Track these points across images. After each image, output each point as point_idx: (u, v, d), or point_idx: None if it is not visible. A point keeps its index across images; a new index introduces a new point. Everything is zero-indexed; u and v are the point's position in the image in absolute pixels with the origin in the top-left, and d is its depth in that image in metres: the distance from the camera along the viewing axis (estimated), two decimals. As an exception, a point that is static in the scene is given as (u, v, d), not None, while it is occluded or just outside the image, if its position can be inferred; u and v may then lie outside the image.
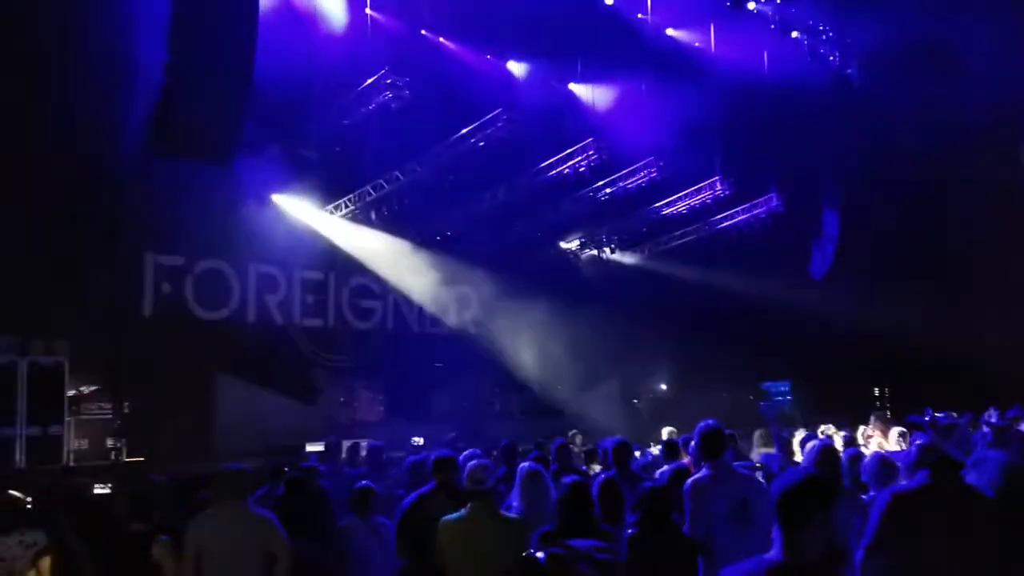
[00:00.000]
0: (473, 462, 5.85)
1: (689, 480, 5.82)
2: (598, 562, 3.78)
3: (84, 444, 14.09)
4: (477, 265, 21.36)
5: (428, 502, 6.36)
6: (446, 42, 19.14)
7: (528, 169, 19.44)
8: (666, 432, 11.14)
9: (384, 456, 10.40)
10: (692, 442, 6.43)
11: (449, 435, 12.38)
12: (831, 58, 21.88)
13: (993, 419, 10.06)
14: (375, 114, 16.25)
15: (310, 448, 13.81)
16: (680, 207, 21.68)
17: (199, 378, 16.57)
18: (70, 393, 14.04)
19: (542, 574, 2.92)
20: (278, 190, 18.20)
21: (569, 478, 5.39)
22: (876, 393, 23.21)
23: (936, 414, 8.16)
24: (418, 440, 14.76)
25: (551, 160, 19.05)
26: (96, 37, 14.45)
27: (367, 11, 17.43)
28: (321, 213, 19.07)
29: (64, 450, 13.65)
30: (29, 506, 5.79)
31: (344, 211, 19.03)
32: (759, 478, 6.91)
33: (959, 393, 16.09)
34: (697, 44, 21.28)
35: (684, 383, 23.92)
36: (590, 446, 10.68)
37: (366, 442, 11.50)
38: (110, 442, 14.38)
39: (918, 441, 5.24)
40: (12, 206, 14.22)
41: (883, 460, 6.08)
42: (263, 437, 15.04)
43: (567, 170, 18.90)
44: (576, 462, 9.46)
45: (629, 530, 5.24)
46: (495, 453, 9.28)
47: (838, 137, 21.97)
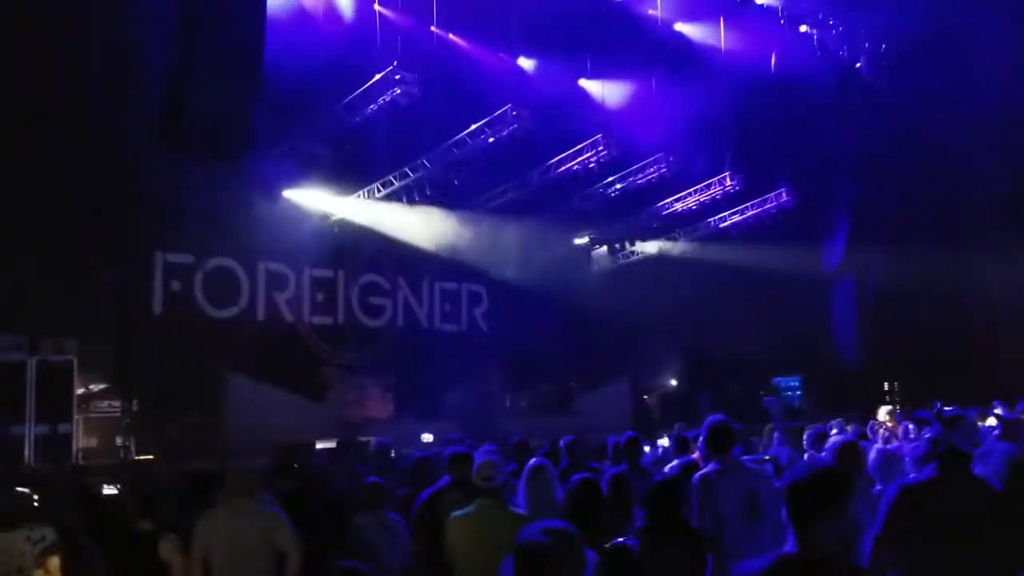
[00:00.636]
0: (482, 459, 5.84)
1: (697, 475, 5.81)
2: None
3: (93, 442, 14.09)
4: (484, 263, 21.36)
5: (441, 498, 6.36)
6: (455, 38, 19.12)
7: (538, 165, 19.43)
8: (676, 428, 11.11)
9: (392, 453, 10.40)
10: (701, 437, 6.40)
11: (453, 434, 12.36)
12: (840, 52, 21.79)
13: (999, 412, 10.01)
14: (384, 111, 16.24)
15: (320, 446, 13.80)
16: (690, 203, 21.66)
17: (208, 376, 16.57)
18: (79, 391, 14.05)
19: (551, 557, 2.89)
20: (287, 187, 18.23)
21: (578, 475, 5.37)
22: (886, 388, 23.12)
23: (944, 407, 8.13)
24: (428, 437, 14.77)
25: (561, 156, 19.04)
26: (105, 35, 14.49)
27: (376, 7, 17.43)
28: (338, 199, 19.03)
29: (73, 448, 13.66)
30: (36, 504, 5.77)
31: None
32: (769, 472, 6.89)
33: (970, 388, 16.03)
34: (706, 39, 21.22)
35: (694, 379, 23.88)
36: (600, 442, 10.65)
37: (374, 439, 11.50)
38: (119, 440, 14.38)
39: (927, 434, 5.22)
40: (21, 204, 14.27)
41: (887, 454, 6.07)
42: (272, 435, 15.02)
43: (577, 166, 18.89)
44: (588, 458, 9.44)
45: (638, 522, 5.22)
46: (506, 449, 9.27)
47: (848, 131, 21.88)
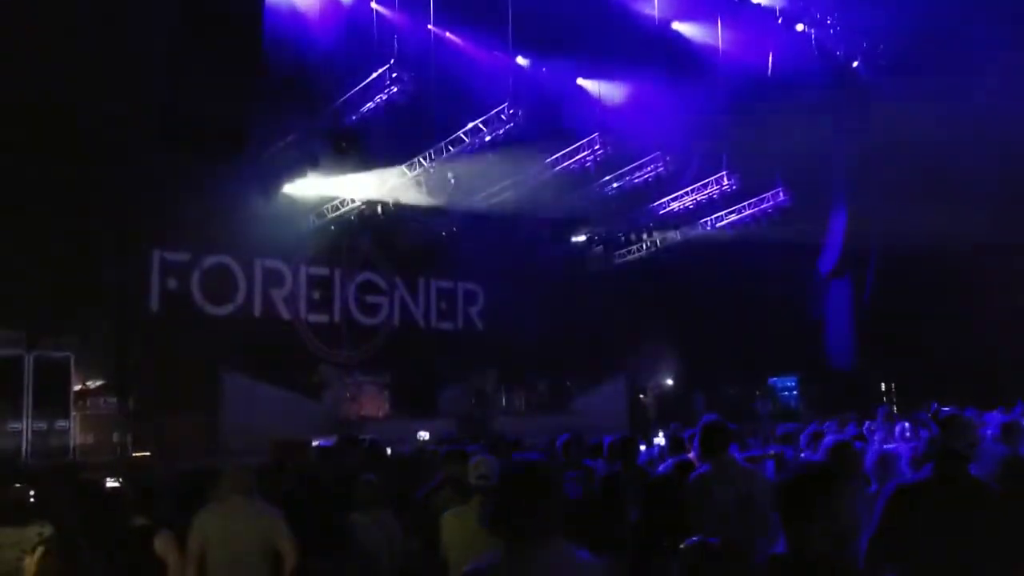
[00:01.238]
0: (477, 457, 5.85)
1: (691, 475, 5.81)
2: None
3: (90, 439, 14.09)
4: (483, 261, 21.36)
5: (436, 497, 6.37)
6: (452, 36, 19.12)
7: (535, 164, 19.41)
8: (672, 427, 11.12)
9: (388, 451, 10.41)
10: (696, 436, 6.40)
11: (448, 433, 12.39)
12: (837, 51, 21.80)
13: (996, 415, 10.03)
14: (381, 109, 16.21)
15: (315, 444, 13.80)
16: (687, 202, 21.64)
17: (205, 373, 16.59)
18: (76, 388, 14.06)
19: None
20: (284, 184, 18.19)
21: (569, 473, 5.38)
22: (883, 388, 23.16)
23: (942, 408, 8.15)
24: (424, 435, 14.78)
25: (558, 155, 19.02)
26: (103, 32, 14.46)
27: (373, 5, 17.42)
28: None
29: (70, 445, 13.67)
30: (32, 500, 5.79)
31: (349, 207, 19.02)
32: (767, 472, 6.90)
33: (968, 390, 16.03)
34: (704, 39, 21.23)
35: (691, 378, 23.91)
36: (595, 441, 10.65)
37: (367, 437, 11.50)
38: (116, 437, 14.38)
39: (924, 435, 5.23)
40: (20, 201, 14.27)
41: (884, 454, 6.07)
42: (268, 433, 15.02)
43: (574, 165, 18.87)
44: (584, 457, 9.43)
45: (632, 520, 5.24)
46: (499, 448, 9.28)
47: (845, 131, 21.89)
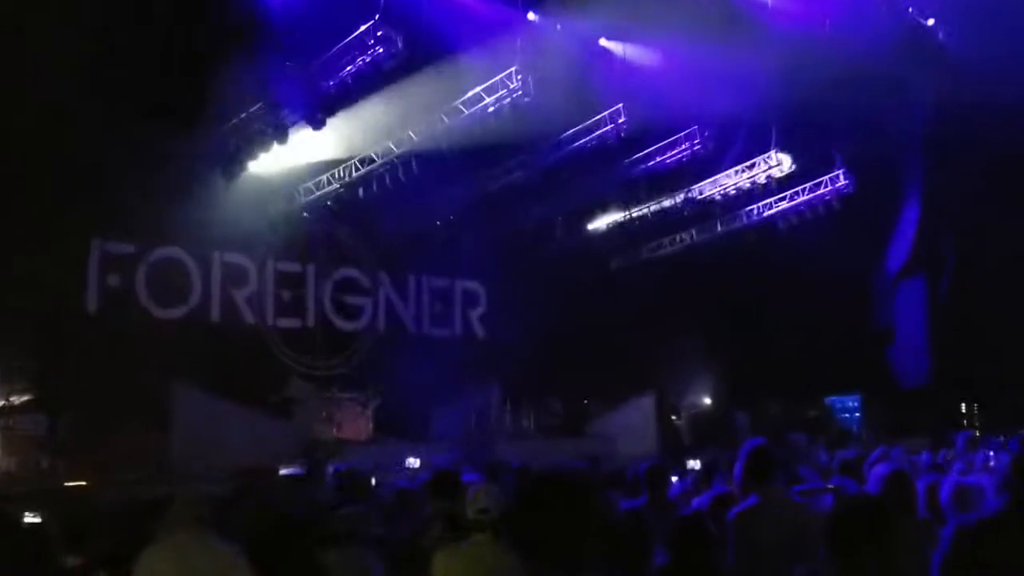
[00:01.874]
0: (477, 487, 5.85)
1: (733, 510, 5.79)
2: None
3: (12, 464, 14.12)
4: (485, 256, 21.37)
5: (425, 535, 6.37)
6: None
7: (548, 140, 19.38)
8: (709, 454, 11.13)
9: (370, 481, 10.40)
10: (737, 465, 6.38)
11: (444, 458, 12.40)
12: (909, 8, 21.72)
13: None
14: (364, 73, 16.18)
15: (284, 472, 13.81)
16: (728, 186, 21.56)
17: (152, 387, 16.57)
18: (-3, 403, 14.10)
19: None
20: (249, 164, 18.15)
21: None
22: (963, 410, 23.10)
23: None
24: (413, 462, 14.78)
25: (576, 129, 18.98)
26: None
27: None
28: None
29: (-13, 471, 13.71)
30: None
31: (325, 189, 19.03)
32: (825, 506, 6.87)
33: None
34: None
35: (732, 396, 23.89)
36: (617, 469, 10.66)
37: (349, 464, 11.52)
38: (44, 462, 14.40)
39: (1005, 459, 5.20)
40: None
41: (963, 487, 6.05)
42: (228, 458, 15.03)
43: (594, 141, 18.83)
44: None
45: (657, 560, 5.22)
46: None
47: (918, 103, 21.77)
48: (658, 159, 20.42)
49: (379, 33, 15.51)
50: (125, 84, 12.95)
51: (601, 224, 23.77)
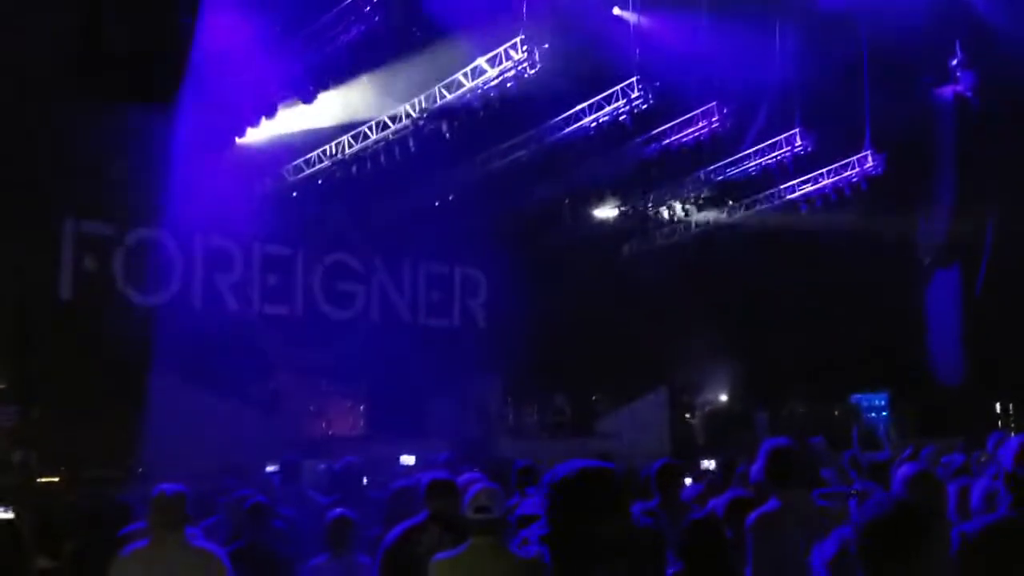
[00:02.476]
0: (477, 486, 5.83)
1: (754, 514, 5.78)
2: None
3: (-19, 457, 14.16)
4: (487, 240, 21.34)
5: (419, 536, 6.35)
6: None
7: (554, 116, 19.33)
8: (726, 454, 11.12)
9: (363, 478, 10.40)
10: (757, 466, 6.37)
11: (442, 456, 12.38)
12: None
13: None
14: (359, 42, 16.11)
15: (270, 468, 13.81)
16: (749, 167, 21.50)
17: (130, 378, 16.59)
18: (-35, 394, 14.12)
19: None
20: (233, 140, 18.12)
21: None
22: (998, 410, 23.10)
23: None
24: (408, 460, 14.77)
25: (584, 105, 18.93)
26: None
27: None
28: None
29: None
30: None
31: (316, 167, 19.00)
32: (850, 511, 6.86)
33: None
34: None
35: (751, 394, 23.88)
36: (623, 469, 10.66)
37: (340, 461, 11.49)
38: (16, 456, 14.41)
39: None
40: None
41: (992, 490, 6.03)
42: (210, 454, 15.04)
43: (605, 118, 18.78)
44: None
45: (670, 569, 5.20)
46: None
47: (954, 76, 21.64)
48: (673, 138, 20.33)
49: (375, -1, 15.45)
50: (101, 54, 12.89)
51: (611, 207, 23.71)
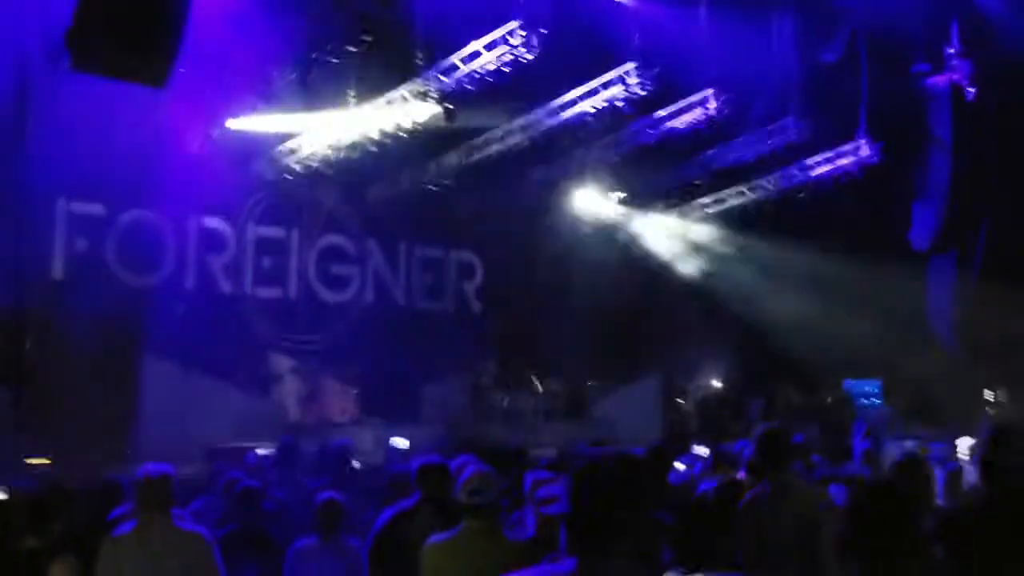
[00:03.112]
0: (470, 469, 5.83)
1: (745, 497, 5.78)
2: None
3: (-29, 439, 14.12)
4: (484, 223, 21.30)
5: (410, 520, 6.35)
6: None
7: (549, 100, 19.26)
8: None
9: (354, 461, 10.42)
10: (749, 450, 6.38)
11: (436, 440, 12.41)
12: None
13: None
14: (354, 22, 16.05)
15: (261, 451, 13.81)
16: (744, 154, 21.43)
17: (121, 359, 16.58)
18: (-46, 375, 14.08)
19: None
20: (229, 119, 18.04)
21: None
22: (990, 398, 23.10)
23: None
24: (402, 443, 14.76)
25: (581, 90, 18.85)
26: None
27: None
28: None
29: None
30: None
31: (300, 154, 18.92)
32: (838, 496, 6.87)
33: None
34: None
35: (744, 380, 23.89)
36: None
37: (337, 443, 11.51)
38: (6, 437, 14.39)
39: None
40: None
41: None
42: (202, 436, 15.04)
43: (602, 103, 18.71)
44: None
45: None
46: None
47: (949, 63, 21.60)
48: (669, 124, 20.24)
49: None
50: (91, 27, 12.80)
51: (608, 193, 23.63)
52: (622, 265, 23.01)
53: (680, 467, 9.60)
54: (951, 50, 20.68)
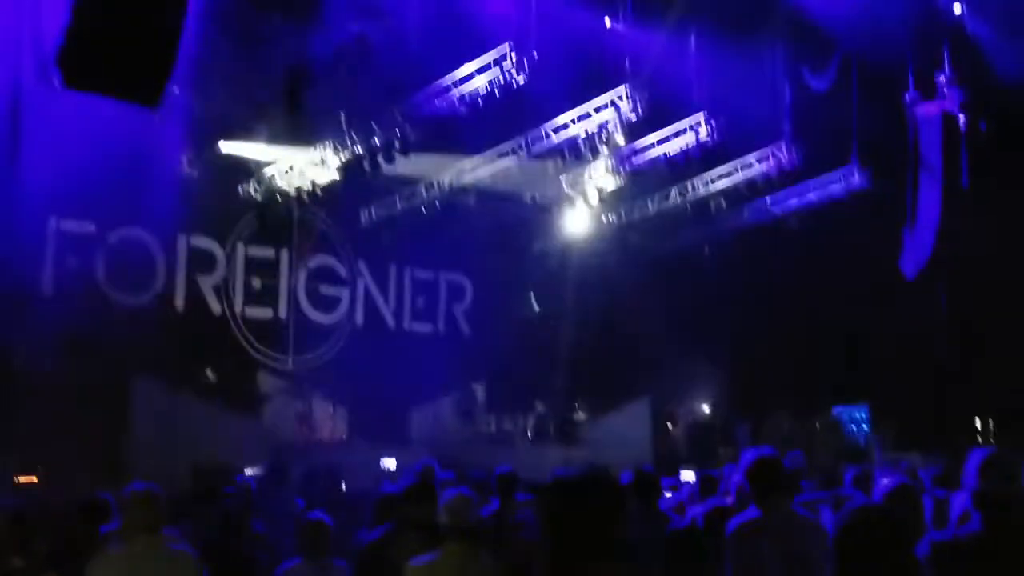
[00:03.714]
0: (451, 492, 5.82)
1: (732, 523, 5.76)
2: None
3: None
4: (474, 245, 21.30)
5: (393, 541, 6.33)
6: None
7: (541, 124, 19.27)
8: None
9: (343, 484, 10.40)
10: (738, 475, 6.36)
11: (422, 461, 12.35)
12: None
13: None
14: (348, 47, 16.08)
15: (249, 472, 13.78)
16: (735, 180, 21.45)
17: (110, 379, 16.52)
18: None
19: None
20: (220, 140, 18.05)
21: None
22: (978, 426, 23.10)
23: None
24: (389, 464, 14.74)
25: (571, 114, 18.86)
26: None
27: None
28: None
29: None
30: None
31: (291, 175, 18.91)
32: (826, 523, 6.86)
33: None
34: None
35: (733, 405, 23.87)
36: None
37: (321, 464, 11.50)
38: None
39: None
40: None
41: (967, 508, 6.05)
42: (189, 457, 14.98)
43: (593, 127, 18.72)
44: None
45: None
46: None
47: (942, 85, 21.62)
48: (660, 149, 20.25)
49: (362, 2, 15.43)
50: (82, 47, 12.81)
51: (594, 217, 23.55)
52: (612, 287, 23.00)
53: (667, 495, 9.61)
54: (942, 78, 20.74)
